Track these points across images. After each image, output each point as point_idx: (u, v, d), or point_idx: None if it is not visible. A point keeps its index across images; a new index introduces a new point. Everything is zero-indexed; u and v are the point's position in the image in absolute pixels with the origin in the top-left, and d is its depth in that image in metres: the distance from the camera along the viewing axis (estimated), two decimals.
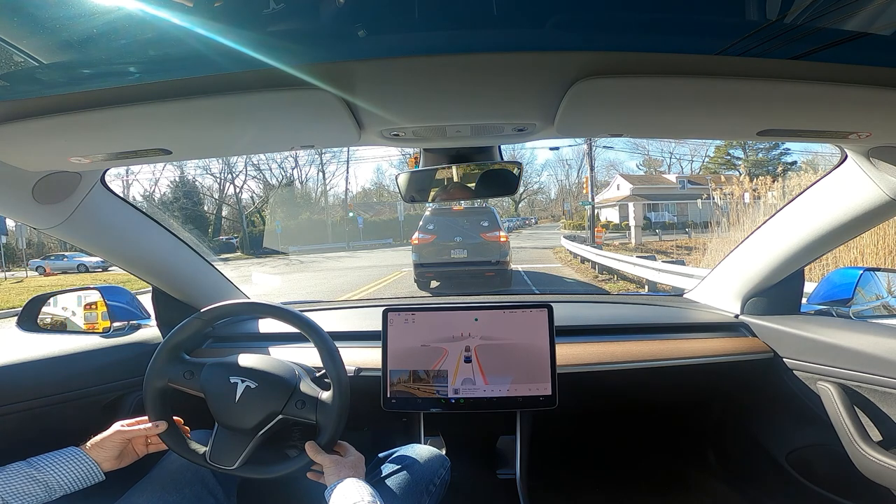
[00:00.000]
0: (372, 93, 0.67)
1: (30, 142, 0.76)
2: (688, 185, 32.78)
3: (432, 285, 9.01)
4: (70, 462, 0.89)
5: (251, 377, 0.95)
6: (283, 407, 0.95)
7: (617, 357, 1.35)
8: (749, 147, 34.67)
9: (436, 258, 8.62)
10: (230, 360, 0.99)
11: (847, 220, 1.11)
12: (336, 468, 0.91)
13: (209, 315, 1.02)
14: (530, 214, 45.77)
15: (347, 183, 35.89)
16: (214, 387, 0.95)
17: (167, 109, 0.66)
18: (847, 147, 0.97)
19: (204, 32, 0.48)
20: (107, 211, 1.17)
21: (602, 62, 0.59)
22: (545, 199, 49.58)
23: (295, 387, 0.97)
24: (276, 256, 23.98)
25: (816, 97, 0.65)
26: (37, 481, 0.84)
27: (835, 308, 1.36)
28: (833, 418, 1.19)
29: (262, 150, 0.99)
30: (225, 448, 0.95)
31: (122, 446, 0.95)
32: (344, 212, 34.79)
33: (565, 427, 1.66)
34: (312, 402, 0.97)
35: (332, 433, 0.95)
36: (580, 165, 42.62)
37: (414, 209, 26.43)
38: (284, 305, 1.04)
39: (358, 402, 1.01)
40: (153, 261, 1.39)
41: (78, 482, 0.89)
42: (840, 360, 1.19)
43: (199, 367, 0.97)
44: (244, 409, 0.94)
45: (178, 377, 0.97)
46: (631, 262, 8.79)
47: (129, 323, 1.44)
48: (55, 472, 0.86)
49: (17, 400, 1.10)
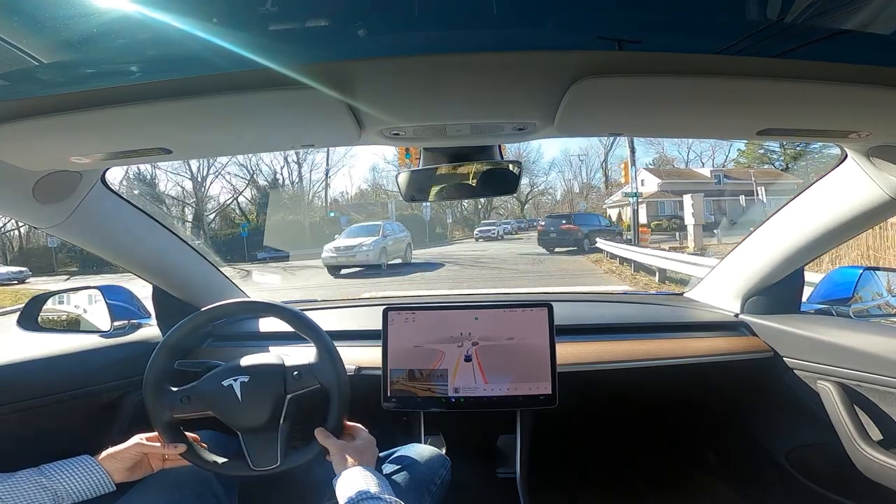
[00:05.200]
0: (372, 92, 0.67)
1: (31, 141, 0.76)
2: (724, 180, 29.15)
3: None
4: (82, 472, 0.88)
5: (240, 373, 0.96)
6: (284, 386, 0.96)
7: (617, 356, 1.35)
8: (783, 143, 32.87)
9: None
10: (218, 369, 0.99)
11: (847, 219, 1.11)
12: (341, 455, 0.89)
13: (209, 314, 1.02)
14: (536, 216, 43.40)
15: (328, 177, 32.64)
16: (215, 397, 0.95)
17: (167, 109, 0.66)
18: (847, 146, 0.97)
19: (204, 33, 0.48)
20: (107, 210, 1.17)
21: (602, 61, 0.59)
22: (550, 201, 46.52)
23: (282, 363, 0.98)
24: (238, 264, 19.19)
25: (817, 96, 0.65)
26: (46, 489, 0.84)
27: (835, 307, 1.36)
28: (833, 417, 1.19)
29: (263, 150, 0.99)
30: (260, 450, 0.95)
31: (138, 459, 0.94)
32: (325, 211, 30.05)
33: (565, 426, 1.66)
34: (307, 368, 0.98)
35: (336, 418, 0.96)
36: (602, 160, 38.33)
37: (410, 208, 25.17)
38: (284, 304, 1.04)
39: (358, 401, 1.02)
40: (154, 259, 1.39)
41: (88, 492, 0.88)
42: (840, 360, 1.19)
43: (192, 389, 0.97)
44: (252, 404, 0.94)
45: (178, 405, 0.96)
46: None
47: (130, 322, 1.44)
48: (66, 482, 0.86)
49: (17, 399, 1.10)
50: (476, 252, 18.40)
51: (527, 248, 18.57)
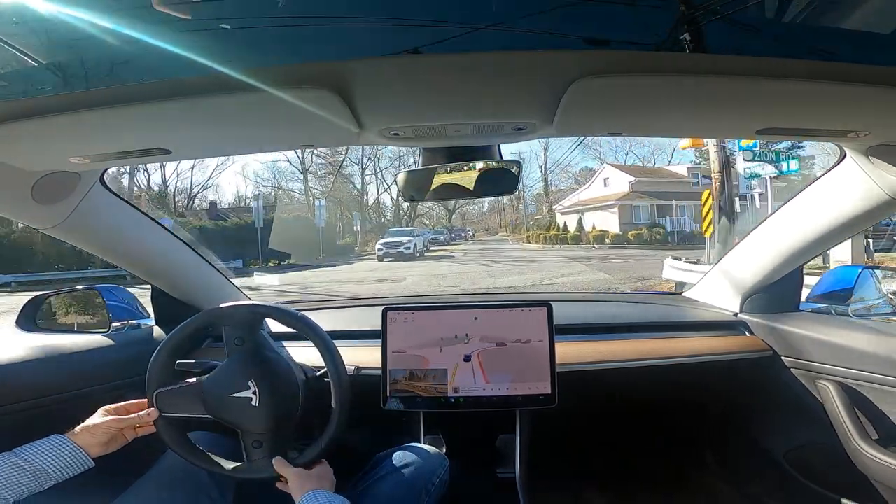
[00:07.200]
0: (371, 92, 0.67)
1: (30, 141, 0.76)
2: (703, 181, 24.57)
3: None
4: (54, 449, 0.87)
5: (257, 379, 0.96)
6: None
7: (616, 356, 1.35)
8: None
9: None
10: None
11: (846, 219, 1.11)
12: (300, 481, 0.89)
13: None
14: (463, 226, 38.60)
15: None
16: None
17: (166, 109, 0.66)
18: (846, 145, 0.97)
19: (201, 33, 0.48)
20: (106, 210, 1.16)
21: (601, 61, 0.59)
22: (477, 211, 41.29)
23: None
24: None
25: (816, 96, 0.65)
26: (23, 470, 0.83)
27: (834, 306, 1.36)
28: (832, 416, 1.19)
29: (260, 150, 0.99)
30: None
31: (114, 433, 0.94)
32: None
33: (565, 426, 1.66)
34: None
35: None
36: (542, 163, 33.73)
37: (289, 212, 21.00)
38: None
39: (357, 401, 1.02)
40: (153, 260, 1.39)
41: (66, 469, 0.87)
42: (839, 359, 1.19)
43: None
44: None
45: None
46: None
47: (129, 322, 1.44)
48: (40, 460, 0.85)
49: (15, 400, 1.10)
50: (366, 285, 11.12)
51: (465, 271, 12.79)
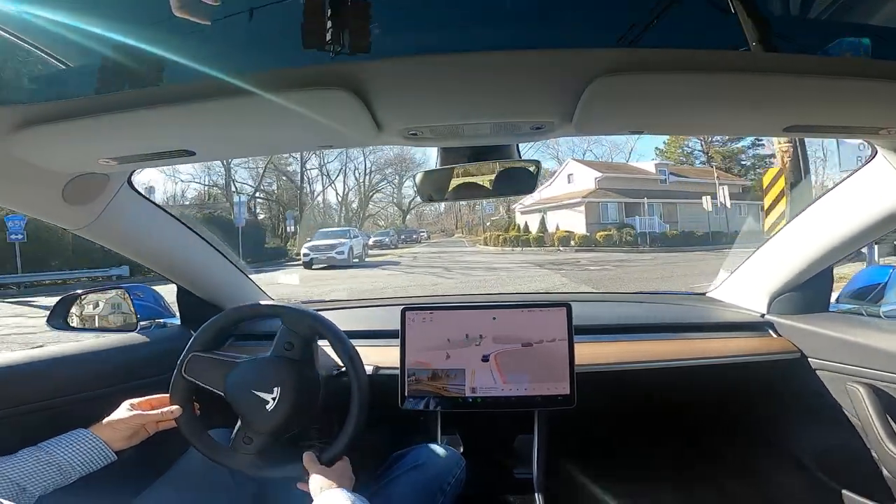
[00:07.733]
0: (390, 92, 0.67)
1: (61, 143, 0.78)
2: (671, 178, 22.64)
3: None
4: (77, 443, 0.90)
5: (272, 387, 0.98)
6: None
7: (637, 356, 1.33)
8: (705, 139, 27.48)
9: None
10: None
11: (877, 217, 1.07)
12: (320, 479, 0.90)
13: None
14: (419, 226, 36.86)
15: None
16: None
17: (191, 111, 0.67)
18: (877, 143, 0.94)
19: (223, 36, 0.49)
20: (133, 212, 1.19)
21: (622, 59, 0.58)
22: (433, 213, 38.86)
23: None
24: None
25: (846, 93, 0.63)
26: (49, 464, 0.86)
27: (865, 307, 1.32)
28: (862, 420, 1.15)
29: (281, 151, 1.01)
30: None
31: (137, 428, 0.97)
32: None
33: (583, 427, 1.64)
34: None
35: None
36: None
37: (206, 211, 19.31)
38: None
39: (375, 400, 1.02)
40: (178, 260, 1.42)
41: (91, 463, 0.90)
42: (870, 361, 1.15)
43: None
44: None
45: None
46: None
47: (155, 321, 1.48)
48: (63, 454, 0.88)
49: (45, 398, 1.14)
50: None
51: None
